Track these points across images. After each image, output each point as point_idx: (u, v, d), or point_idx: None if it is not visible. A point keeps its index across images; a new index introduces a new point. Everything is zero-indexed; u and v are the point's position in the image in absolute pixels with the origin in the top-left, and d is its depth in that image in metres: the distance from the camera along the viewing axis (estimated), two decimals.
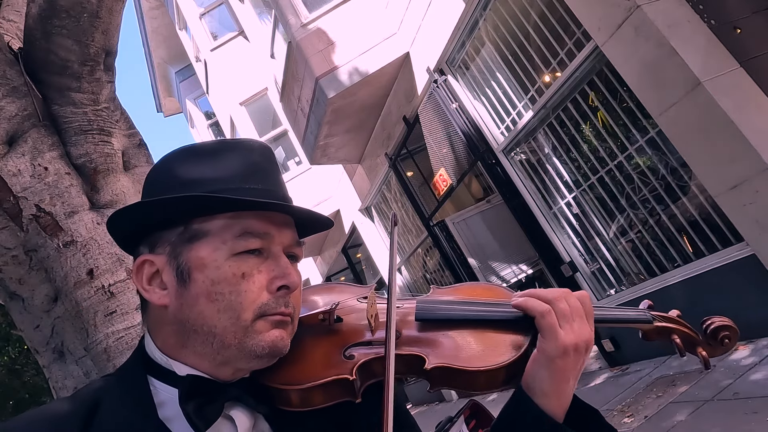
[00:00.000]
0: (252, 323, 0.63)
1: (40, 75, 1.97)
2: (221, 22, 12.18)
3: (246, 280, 0.64)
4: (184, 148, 0.70)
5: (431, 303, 0.75)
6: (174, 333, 0.66)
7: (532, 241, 5.93)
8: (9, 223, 1.84)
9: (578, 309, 0.68)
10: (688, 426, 3.32)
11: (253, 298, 0.63)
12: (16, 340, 9.49)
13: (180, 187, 0.65)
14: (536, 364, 0.66)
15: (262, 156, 0.70)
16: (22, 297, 1.94)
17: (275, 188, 0.69)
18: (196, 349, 0.65)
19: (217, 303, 0.63)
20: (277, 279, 0.65)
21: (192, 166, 0.67)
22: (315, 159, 8.15)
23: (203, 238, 0.65)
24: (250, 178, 0.67)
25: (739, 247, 3.90)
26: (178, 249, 0.65)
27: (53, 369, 1.96)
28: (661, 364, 4.62)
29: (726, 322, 0.73)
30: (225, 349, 0.63)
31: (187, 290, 0.64)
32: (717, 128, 3.65)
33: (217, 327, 0.63)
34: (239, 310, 0.63)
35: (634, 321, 0.74)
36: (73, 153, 1.98)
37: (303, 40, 6.60)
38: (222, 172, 0.66)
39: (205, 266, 0.63)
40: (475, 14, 5.44)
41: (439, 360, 0.67)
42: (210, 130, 15.89)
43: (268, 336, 0.64)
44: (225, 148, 0.69)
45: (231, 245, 0.64)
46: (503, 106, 5.67)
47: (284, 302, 0.65)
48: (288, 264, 0.67)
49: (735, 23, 3.86)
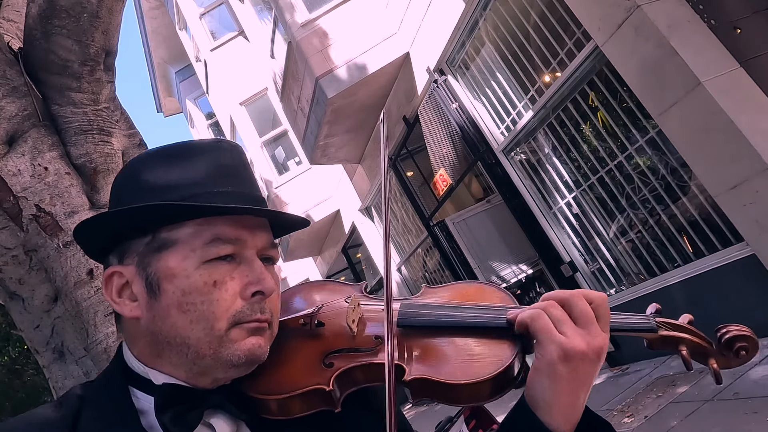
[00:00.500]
0: (227, 332, 0.61)
1: (40, 75, 1.97)
2: (221, 22, 12.18)
3: (218, 288, 0.61)
4: (152, 151, 0.68)
5: (415, 308, 0.71)
6: (148, 344, 0.64)
7: (532, 241, 5.93)
8: (9, 223, 1.84)
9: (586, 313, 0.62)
10: (689, 426, 3.32)
11: (226, 306, 0.61)
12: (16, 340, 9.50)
13: (147, 193, 0.63)
14: (536, 372, 0.61)
15: (231, 157, 0.68)
16: (22, 297, 1.94)
17: (247, 190, 0.67)
18: (171, 360, 0.63)
19: (189, 314, 0.61)
20: (251, 285, 0.63)
21: (160, 170, 0.65)
22: (315, 159, 8.16)
23: (171, 247, 0.62)
24: (219, 180, 0.65)
25: (739, 247, 3.90)
26: (146, 259, 0.63)
27: (53, 369, 1.96)
28: (661, 364, 4.62)
29: (744, 332, 0.64)
30: (200, 359, 0.62)
31: (158, 302, 0.62)
32: (717, 128, 3.65)
33: (191, 338, 0.61)
34: (212, 320, 0.61)
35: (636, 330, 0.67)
36: (73, 153, 1.98)
37: (303, 40, 6.60)
38: (191, 175, 0.64)
39: (174, 276, 0.61)
40: (475, 14, 5.44)
41: (420, 372, 0.63)
42: (210, 130, 15.89)
43: (244, 344, 0.62)
44: (194, 151, 0.67)
45: (201, 253, 0.62)
46: (503, 106, 5.67)
47: (260, 308, 0.63)
48: (262, 268, 0.64)
49: (735, 23, 3.86)
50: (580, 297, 0.63)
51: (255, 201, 0.67)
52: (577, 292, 0.63)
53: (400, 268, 9.40)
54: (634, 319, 0.67)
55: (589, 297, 0.63)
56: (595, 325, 0.62)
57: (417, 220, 8.15)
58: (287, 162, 11.47)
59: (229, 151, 0.68)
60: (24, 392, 10.48)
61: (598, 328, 0.62)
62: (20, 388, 10.53)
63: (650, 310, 0.69)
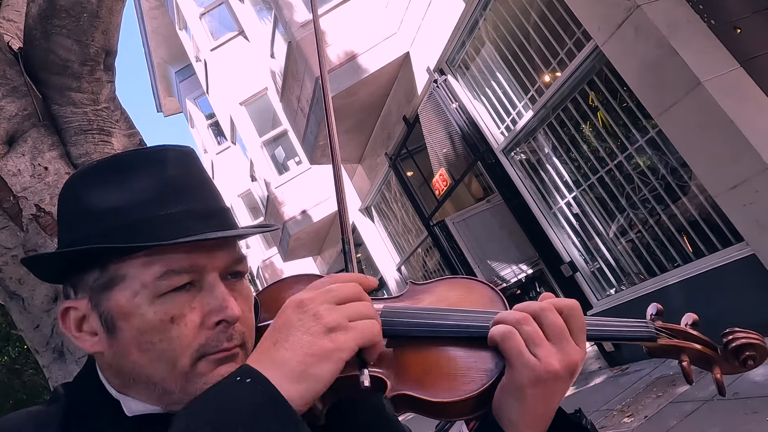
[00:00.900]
0: (192, 367, 0.56)
1: (40, 75, 1.97)
2: (221, 22, 12.19)
3: (176, 324, 0.56)
4: (90, 167, 0.61)
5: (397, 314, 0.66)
6: (115, 376, 0.60)
7: (532, 241, 5.93)
8: (9, 223, 1.84)
9: (558, 327, 0.57)
10: (689, 426, 3.32)
11: (187, 342, 0.56)
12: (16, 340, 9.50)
13: (89, 219, 0.58)
14: (505, 392, 0.58)
15: (179, 167, 0.61)
16: (22, 297, 1.94)
17: (202, 205, 0.60)
18: (140, 393, 0.59)
19: (149, 353, 0.56)
20: (212, 314, 0.57)
21: (101, 190, 0.59)
22: (315, 159, 8.16)
23: (121, 283, 0.57)
24: (168, 199, 0.58)
25: (739, 247, 3.90)
26: (97, 296, 0.58)
27: (53, 369, 1.96)
28: (661, 364, 4.62)
29: (753, 340, 0.60)
30: (168, 394, 0.57)
31: (117, 340, 0.57)
32: (717, 128, 3.65)
33: (155, 377, 0.57)
34: (174, 358, 0.56)
35: (633, 339, 0.63)
36: (73, 153, 1.98)
37: (303, 40, 6.60)
38: (133, 195, 0.58)
39: (128, 315, 0.56)
40: (475, 14, 5.44)
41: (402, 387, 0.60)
42: (210, 130, 15.90)
43: (212, 377, 0.57)
44: (136, 164, 0.60)
45: (153, 288, 0.56)
46: (503, 106, 5.67)
47: (226, 337, 0.57)
48: (224, 294, 0.58)
49: (735, 23, 3.86)
50: (551, 309, 0.58)
51: (212, 215, 0.60)
52: (547, 304, 0.59)
53: (400, 268, 9.41)
54: (632, 327, 0.64)
55: (558, 307, 0.59)
56: (568, 341, 0.58)
57: (417, 220, 8.15)
58: (287, 162, 11.47)
59: (177, 161, 0.61)
60: (24, 392, 10.48)
61: (571, 342, 0.58)
62: (20, 388, 10.53)
63: (651, 310, 0.66)
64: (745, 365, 0.61)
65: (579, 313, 0.59)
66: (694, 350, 0.62)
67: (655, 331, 0.63)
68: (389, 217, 9.25)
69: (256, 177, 12.44)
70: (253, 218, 15.95)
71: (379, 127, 7.77)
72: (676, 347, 0.62)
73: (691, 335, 0.63)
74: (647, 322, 0.64)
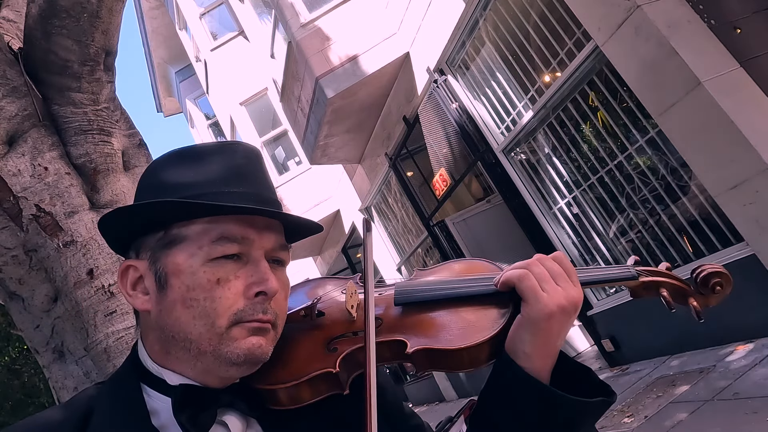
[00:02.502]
0: (227, 330, 0.62)
1: (40, 75, 1.97)
2: (221, 22, 12.18)
3: (221, 286, 0.62)
4: (173, 152, 0.70)
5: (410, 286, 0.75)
6: (158, 339, 0.66)
7: (532, 241, 5.92)
8: (9, 223, 1.84)
9: (556, 270, 0.67)
10: (688, 426, 3.32)
11: (228, 304, 0.62)
12: (16, 340, 9.49)
13: (161, 191, 0.65)
14: (520, 328, 0.66)
15: (246, 158, 0.69)
16: (22, 297, 1.94)
17: (259, 191, 0.68)
18: (178, 355, 0.64)
19: (192, 309, 0.62)
20: (254, 285, 0.64)
21: (176, 170, 0.67)
22: (315, 159, 8.16)
23: (180, 244, 0.64)
24: (231, 181, 0.66)
25: (739, 247, 3.90)
26: (157, 254, 0.65)
27: (53, 369, 1.95)
28: (661, 364, 4.62)
29: (717, 269, 0.71)
30: (202, 355, 0.63)
31: (165, 296, 0.64)
32: (717, 128, 3.65)
33: (193, 333, 0.62)
34: (214, 317, 0.62)
35: (618, 279, 0.72)
36: (73, 153, 1.98)
37: (303, 40, 6.60)
38: (204, 175, 0.66)
39: (181, 272, 0.63)
40: (475, 14, 5.44)
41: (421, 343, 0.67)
42: (210, 130, 15.89)
43: (244, 343, 0.63)
44: (211, 152, 0.68)
45: (207, 250, 0.63)
46: (503, 106, 5.67)
47: (262, 309, 0.64)
48: (267, 269, 0.65)
49: (735, 23, 3.86)
50: (546, 258, 0.69)
51: (266, 202, 0.67)
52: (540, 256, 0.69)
53: (400, 268, 9.40)
54: (615, 270, 0.73)
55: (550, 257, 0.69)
56: (567, 281, 0.67)
57: (417, 220, 8.15)
58: (287, 162, 11.47)
59: (243, 153, 0.70)
60: (23, 393, 10.48)
61: (569, 282, 0.67)
62: (19, 388, 10.53)
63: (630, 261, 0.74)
64: (715, 291, 0.71)
65: (567, 260, 0.70)
66: (671, 284, 0.72)
67: (635, 272, 0.72)
68: (389, 217, 9.25)
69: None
70: None
71: (379, 127, 7.77)
72: (655, 282, 0.72)
73: (666, 274, 0.73)
74: (628, 266, 0.73)
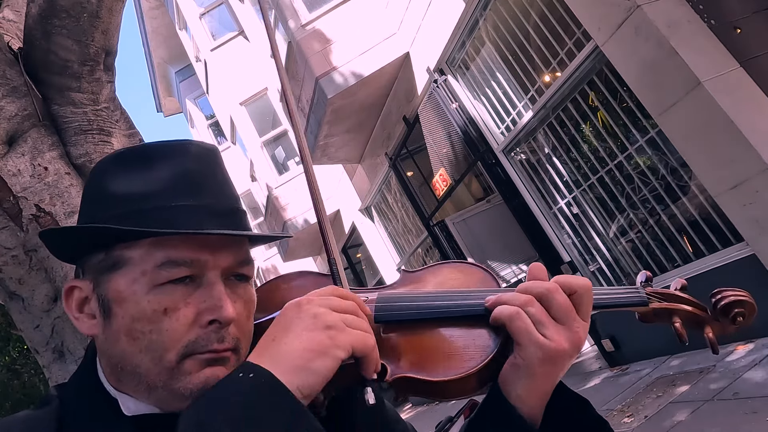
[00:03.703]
0: (178, 364, 0.55)
1: (40, 75, 1.97)
2: (221, 22, 12.19)
3: (168, 316, 0.55)
4: (116, 154, 0.63)
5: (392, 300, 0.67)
6: (108, 365, 0.60)
7: (532, 241, 5.93)
8: (9, 223, 1.84)
9: (564, 307, 0.58)
10: (688, 426, 3.32)
11: (177, 336, 0.55)
12: (16, 340, 9.49)
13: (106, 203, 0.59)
14: (514, 370, 0.59)
15: (199, 162, 0.61)
16: (22, 297, 1.94)
17: (214, 201, 0.60)
18: (129, 385, 0.58)
19: (138, 342, 0.56)
20: (206, 312, 0.56)
21: (122, 177, 0.60)
22: (315, 159, 8.16)
23: (123, 268, 0.57)
24: (181, 191, 0.58)
25: (739, 247, 3.90)
26: (99, 278, 0.58)
27: (53, 369, 1.96)
28: (661, 364, 4.62)
29: (741, 297, 0.61)
30: (153, 390, 0.56)
31: (110, 324, 0.57)
32: (717, 128, 3.65)
33: (141, 367, 0.56)
34: (161, 351, 0.55)
35: (626, 304, 0.64)
36: (73, 153, 1.98)
37: (303, 41, 6.60)
38: (151, 185, 0.59)
39: (123, 300, 0.56)
40: (475, 14, 5.44)
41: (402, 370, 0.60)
42: (210, 129, 15.89)
43: (198, 377, 0.56)
44: (160, 155, 0.61)
45: (152, 276, 0.56)
46: (503, 106, 5.67)
47: (217, 338, 0.56)
48: (221, 294, 0.57)
49: (735, 23, 3.86)
50: (558, 290, 0.58)
51: (222, 215, 0.60)
52: (554, 286, 0.59)
53: (400, 268, 9.40)
54: (624, 293, 0.64)
55: (571, 287, 0.59)
56: (576, 319, 0.58)
57: (417, 220, 8.15)
58: (287, 162, 11.47)
59: (197, 156, 0.62)
60: (22, 393, 10.48)
61: (579, 320, 0.58)
62: (19, 388, 10.53)
63: (640, 278, 0.66)
64: (735, 322, 0.61)
65: (590, 293, 0.60)
66: (685, 312, 0.63)
67: (646, 296, 0.63)
68: (389, 217, 9.25)
69: (256, 177, 12.44)
70: (253, 218, 15.94)
71: (379, 127, 7.77)
72: (668, 310, 0.63)
73: (680, 298, 0.64)
74: (638, 288, 0.65)
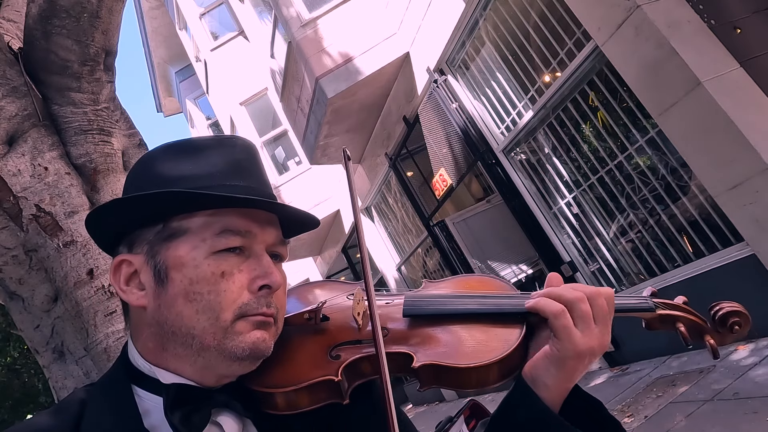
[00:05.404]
0: (232, 324, 0.61)
1: (40, 75, 1.97)
2: (221, 22, 12.18)
3: (225, 279, 0.61)
4: (167, 145, 0.68)
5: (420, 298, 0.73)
6: (153, 336, 0.64)
7: (532, 241, 5.93)
8: (9, 223, 1.84)
9: (603, 312, 0.64)
10: (688, 426, 3.32)
11: (233, 297, 0.61)
12: (16, 340, 9.49)
13: (160, 184, 0.64)
14: (548, 361, 0.64)
15: (245, 153, 0.69)
16: (22, 297, 1.94)
17: (258, 186, 0.67)
18: (176, 351, 0.62)
19: (195, 303, 0.61)
20: (258, 278, 0.63)
21: (173, 163, 0.65)
22: (315, 159, 8.16)
23: (182, 236, 0.62)
24: (231, 175, 0.65)
25: (739, 247, 3.90)
26: (155, 248, 0.63)
27: (53, 369, 1.95)
28: (661, 364, 4.62)
29: (736, 308, 0.69)
30: (204, 351, 0.61)
31: (165, 290, 0.62)
32: (717, 128, 3.65)
33: (196, 328, 0.61)
34: (218, 311, 0.61)
35: (635, 310, 0.70)
36: (73, 153, 1.98)
37: (303, 40, 6.60)
38: (203, 169, 0.65)
39: (183, 265, 0.61)
40: (475, 14, 5.44)
41: (428, 358, 0.64)
42: (210, 130, 15.88)
43: (248, 337, 0.61)
44: (208, 145, 0.67)
45: (210, 243, 0.62)
46: (503, 106, 5.66)
47: (266, 302, 0.63)
48: (270, 263, 0.64)
49: (735, 23, 3.86)
50: (600, 295, 0.65)
51: (266, 197, 0.66)
52: (595, 291, 0.65)
53: (400, 268, 9.40)
54: (634, 301, 0.70)
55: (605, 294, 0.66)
56: (606, 324, 0.64)
57: (417, 220, 8.15)
58: (287, 162, 11.46)
59: (242, 148, 0.69)
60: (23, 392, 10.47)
61: (607, 325, 0.65)
62: (19, 388, 10.53)
63: (646, 293, 0.72)
64: (733, 331, 0.68)
65: (613, 301, 0.66)
66: (688, 320, 0.69)
67: (653, 304, 0.70)
68: (389, 217, 9.24)
69: None
70: None
71: (379, 127, 7.77)
72: (673, 317, 0.69)
73: (684, 309, 0.71)
74: (645, 297, 0.71)
